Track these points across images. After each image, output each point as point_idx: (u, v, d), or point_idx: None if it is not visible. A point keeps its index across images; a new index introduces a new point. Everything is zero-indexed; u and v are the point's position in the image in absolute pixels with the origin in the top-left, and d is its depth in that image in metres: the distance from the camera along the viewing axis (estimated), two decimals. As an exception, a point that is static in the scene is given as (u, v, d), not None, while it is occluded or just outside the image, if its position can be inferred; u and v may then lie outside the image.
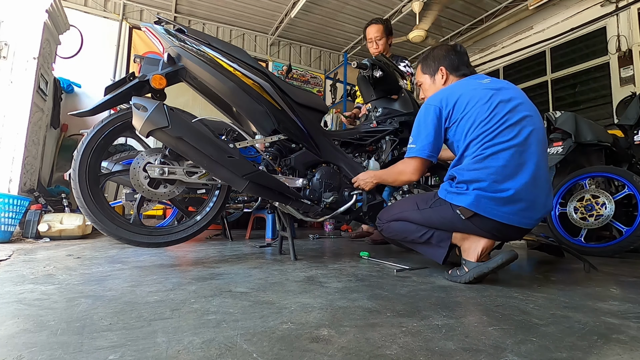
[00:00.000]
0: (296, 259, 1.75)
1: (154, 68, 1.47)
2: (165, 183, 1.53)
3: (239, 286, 1.14)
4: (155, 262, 1.58)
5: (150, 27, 1.49)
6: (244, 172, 1.47)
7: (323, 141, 1.78)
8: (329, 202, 1.72)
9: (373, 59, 1.96)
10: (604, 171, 2.41)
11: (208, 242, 2.62)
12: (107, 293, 1.01)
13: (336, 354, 0.62)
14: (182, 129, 1.37)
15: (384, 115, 2.05)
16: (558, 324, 0.83)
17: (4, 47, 2.65)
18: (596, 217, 2.33)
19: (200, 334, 0.70)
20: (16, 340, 0.64)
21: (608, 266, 1.86)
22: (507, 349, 0.67)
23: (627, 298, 1.12)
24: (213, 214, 1.67)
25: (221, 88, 1.48)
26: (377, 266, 1.63)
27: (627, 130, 2.66)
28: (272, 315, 0.83)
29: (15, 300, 0.90)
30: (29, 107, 2.68)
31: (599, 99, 4.25)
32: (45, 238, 2.46)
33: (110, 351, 0.61)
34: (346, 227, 3.61)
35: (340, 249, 2.32)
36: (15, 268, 1.37)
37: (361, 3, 4.77)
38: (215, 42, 1.54)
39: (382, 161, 2.00)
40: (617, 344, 0.71)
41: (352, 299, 1.00)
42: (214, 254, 1.90)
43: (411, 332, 0.75)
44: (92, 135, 1.42)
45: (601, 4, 4.24)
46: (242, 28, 5.50)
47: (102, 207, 1.43)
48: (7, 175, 2.55)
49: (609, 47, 4.16)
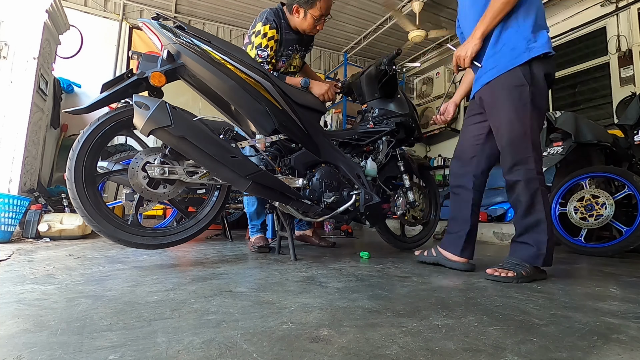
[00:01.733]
0: (296, 259, 1.75)
1: (152, 65, 1.45)
2: (165, 183, 1.51)
3: (239, 286, 1.14)
4: (155, 262, 1.58)
5: (149, 23, 1.47)
6: (247, 172, 1.46)
7: (322, 141, 1.78)
8: (329, 202, 1.72)
9: (389, 58, 1.99)
10: (604, 171, 2.41)
11: (208, 242, 2.62)
12: (107, 293, 1.01)
13: (336, 354, 0.62)
14: (185, 128, 1.35)
15: (380, 115, 2.07)
16: (558, 324, 0.83)
17: (4, 47, 2.65)
18: (596, 217, 2.34)
19: (200, 334, 0.70)
20: (16, 340, 0.64)
21: (608, 266, 1.86)
22: (507, 349, 0.67)
23: (627, 298, 1.12)
24: (213, 215, 1.67)
25: (221, 86, 1.47)
26: (377, 266, 1.63)
27: (627, 130, 2.66)
28: (272, 315, 0.83)
29: (15, 300, 0.90)
30: (29, 107, 2.68)
31: (599, 99, 4.25)
32: (45, 238, 2.46)
33: (110, 351, 0.61)
34: (346, 227, 3.61)
35: (340, 249, 2.32)
36: (15, 268, 1.37)
37: (361, 3, 4.77)
38: (215, 40, 1.54)
39: (379, 161, 2.01)
40: (617, 344, 0.71)
41: (352, 299, 1.00)
42: (214, 254, 1.90)
43: (411, 332, 0.75)
44: (89, 134, 1.39)
45: (601, 4, 4.24)
46: (242, 28, 5.50)
47: (99, 208, 1.40)
48: (7, 175, 2.55)
49: (609, 47, 4.16)
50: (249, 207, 2.23)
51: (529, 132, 1.42)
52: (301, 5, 1.97)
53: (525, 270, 1.37)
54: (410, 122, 2.13)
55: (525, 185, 1.42)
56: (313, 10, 1.97)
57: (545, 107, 1.51)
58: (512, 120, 1.44)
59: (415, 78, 6.62)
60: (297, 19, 2.01)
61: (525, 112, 1.43)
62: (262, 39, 1.89)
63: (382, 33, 5.45)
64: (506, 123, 1.46)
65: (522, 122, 1.43)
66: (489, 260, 1.99)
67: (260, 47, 1.88)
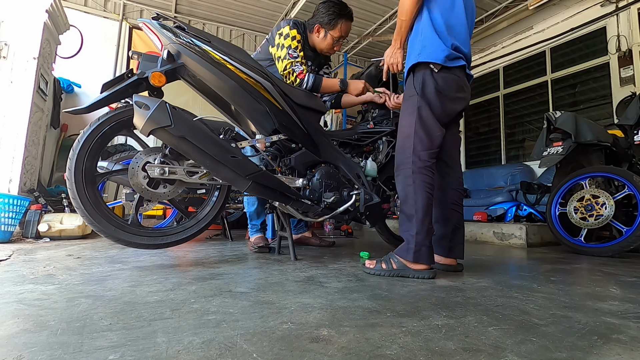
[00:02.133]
0: (296, 259, 1.75)
1: (152, 65, 1.45)
2: (165, 183, 1.51)
3: (239, 286, 1.14)
4: (155, 262, 1.58)
5: (149, 23, 1.47)
6: (248, 172, 1.46)
7: (322, 141, 1.78)
8: (329, 202, 1.72)
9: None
10: (604, 171, 2.41)
11: (208, 242, 2.62)
12: (107, 293, 1.01)
13: (336, 354, 0.62)
14: (185, 128, 1.35)
15: (380, 116, 2.09)
16: (558, 324, 0.83)
17: (4, 47, 2.65)
18: (596, 217, 2.33)
19: (200, 334, 0.70)
20: (16, 340, 0.64)
21: (608, 266, 1.86)
22: (507, 349, 0.67)
23: (627, 298, 1.12)
24: (213, 215, 1.67)
25: (221, 86, 1.47)
26: (377, 266, 1.63)
27: (627, 130, 2.66)
28: (272, 315, 0.83)
29: (15, 300, 0.90)
30: (29, 107, 2.69)
31: (599, 99, 4.25)
32: (45, 238, 2.46)
33: (110, 351, 0.61)
34: (346, 227, 3.61)
35: (339, 249, 2.32)
36: (15, 268, 1.37)
37: (361, 3, 4.77)
38: (215, 40, 1.54)
39: (380, 161, 2.02)
40: (617, 344, 0.71)
41: (352, 299, 1.00)
42: (214, 254, 1.90)
43: (411, 332, 0.75)
44: (89, 134, 1.39)
45: (601, 4, 4.24)
46: (242, 28, 5.51)
47: (99, 208, 1.40)
48: (7, 175, 2.55)
49: (609, 47, 4.16)
50: (249, 206, 2.23)
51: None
52: (323, 26, 2.02)
53: (388, 263, 1.41)
54: None
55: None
56: (334, 31, 2.02)
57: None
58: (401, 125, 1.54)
59: (415, 78, 6.62)
60: (317, 38, 2.05)
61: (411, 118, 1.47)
62: (292, 41, 1.91)
63: (382, 33, 5.45)
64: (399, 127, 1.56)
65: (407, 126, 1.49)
66: (488, 260, 1.99)
67: (291, 49, 1.90)
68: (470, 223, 3.39)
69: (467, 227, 3.52)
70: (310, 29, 2.06)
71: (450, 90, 1.46)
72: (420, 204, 1.39)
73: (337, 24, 2.01)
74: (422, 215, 1.39)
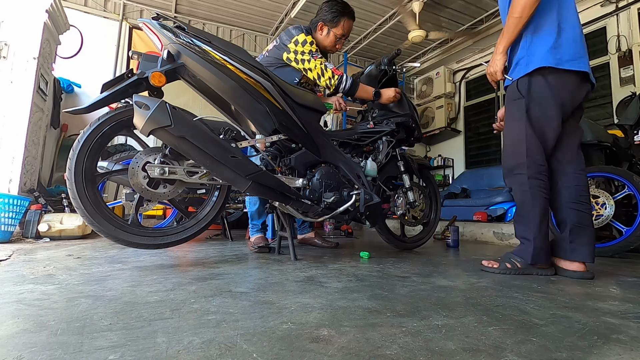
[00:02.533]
0: (296, 259, 1.76)
1: (152, 65, 1.45)
2: (165, 183, 1.51)
3: (239, 286, 1.14)
4: (155, 262, 1.58)
5: (149, 23, 1.47)
6: (248, 172, 1.46)
7: (322, 141, 1.78)
8: (330, 202, 1.72)
9: (389, 59, 2.02)
10: (604, 171, 2.41)
11: (208, 242, 2.62)
12: (107, 293, 1.01)
13: (336, 354, 0.62)
14: (185, 128, 1.35)
15: (380, 116, 2.09)
16: (558, 324, 0.83)
17: (4, 47, 2.65)
18: (596, 217, 2.33)
19: (200, 334, 0.70)
20: (16, 340, 0.64)
21: (608, 266, 1.86)
22: (507, 349, 0.67)
23: (627, 298, 1.12)
24: (213, 214, 1.67)
25: (222, 86, 1.47)
26: (377, 266, 1.63)
27: (627, 130, 2.66)
28: (272, 315, 0.83)
29: (15, 300, 0.90)
30: (29, 107, 2.68)
31: (599, 99, 4.25)
32: (45, 238, 2.46)
33: (110, 351, 0.61)
34: (346, 227, 3.61)
35: (340, 249, 2.32)
36: (15, 268, 1.37)
37: (361, 3, 4.77)
38: (216, 40, 1.53)
39: (379, 161, 2.02)
40: (617, 344, 0.71)
41: (352, 299, 1.00)
42: (214, 254, 1.90)
43: (411, 332, 0.75)
44: (89, 134, 1.39)
45: (601, 4, 4.24)
46: (242, 28, 5.50)
47: (99, 208, 1.40)
48: (7, 175, 2.55)
49: (609, 47, 4.16)
50: (251, 206, 2.23)
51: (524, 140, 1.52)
52: (326, 23, 2.07)
53: (512, 263, 1.48)
54: (410, 122, 2.14)
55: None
56: (336, 29, 2.08)
57: (548, 116, 1.53)
58: (510, 130, 1.59)
59: (415, 78, 6.63)
60: (320, 36, 2.10)
61: (521, 122, 1.52)
62: (312, 46, 1.97)
63: (382, 33, 5.45)
64: (506, 133, 1.62)
65: (517, 131, 1.55)
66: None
67: (312, 53, 1.96)
68: (470, 223, 3.39)
69: (467, 227, 3.53)
70: (313, 27, 2.09)
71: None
72: (537, 209, 1.48)
73: (339, 21, 2.06)
74: (539, 219, 1.48)
